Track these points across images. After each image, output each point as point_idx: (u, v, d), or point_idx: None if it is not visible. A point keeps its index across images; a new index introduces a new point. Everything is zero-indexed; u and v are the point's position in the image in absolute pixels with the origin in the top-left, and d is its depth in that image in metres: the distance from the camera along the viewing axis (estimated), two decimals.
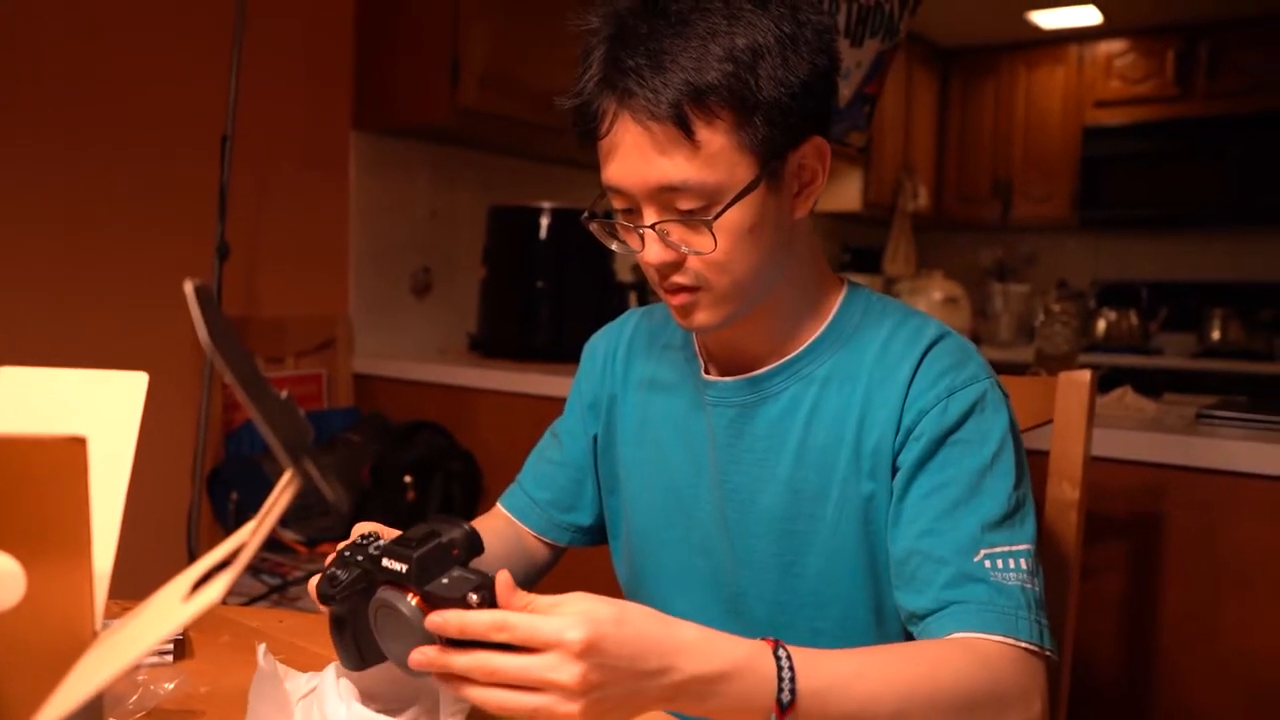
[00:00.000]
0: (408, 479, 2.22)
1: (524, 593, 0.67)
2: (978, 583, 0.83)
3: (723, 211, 0.84)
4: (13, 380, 0.58)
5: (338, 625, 0.76)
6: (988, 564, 0.83)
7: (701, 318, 0.90)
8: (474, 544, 0.72)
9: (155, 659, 0.88)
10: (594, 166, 0.90)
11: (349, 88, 2.65)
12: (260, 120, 2.39)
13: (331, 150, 2.63)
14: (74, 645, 0.48)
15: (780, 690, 0.70)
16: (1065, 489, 1.11)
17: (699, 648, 0.68)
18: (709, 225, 0.84)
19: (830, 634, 0.93)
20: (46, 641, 0.48)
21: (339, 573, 0.74)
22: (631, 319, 1.13)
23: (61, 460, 0.46)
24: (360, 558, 0.74)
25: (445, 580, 0.68)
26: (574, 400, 1.14)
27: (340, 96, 2.63)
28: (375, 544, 0.74)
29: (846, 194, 4.36)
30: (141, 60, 2.21)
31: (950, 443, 0.88)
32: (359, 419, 2.51)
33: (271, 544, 2.19)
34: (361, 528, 0.83)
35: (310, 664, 0.91)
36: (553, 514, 1.12)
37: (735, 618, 0.97)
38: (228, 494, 2.20)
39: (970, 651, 0.79)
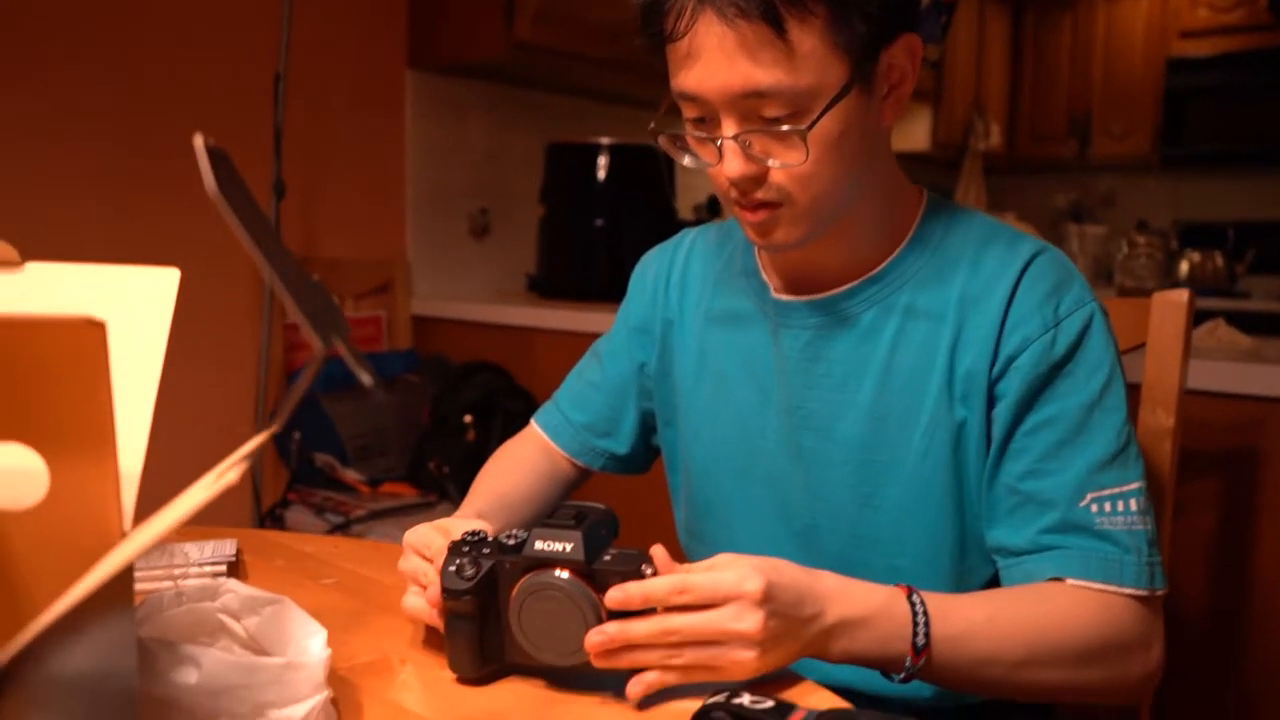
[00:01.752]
0: (467, 419, 2.21)
1: (678, 564, 0.69)
2: (1081, 531, 0.80)
3: (818, 119, 0.78)
4: (39, 275, 0.55)
5: (459, 626, 0.70)
6: (1094, 508, 0.80)
7: (781, 235, 0.85)
8: (616, 522, 0.73)
9: (206, 580, 0.87)
10: (653, 103, 0.84)
11: (403, 25, 2.61)
12: (314, 58, 2.36)
13: (387, 89, 2.60)
14: (101, 545, 0.45)
15: (915, 635, 0.73)
16: (1160, 416, 1.04)
17: (841, 594, 0.72)
18: (802, 135, 0.78)
19: (908, 571, 0.88)
20: (72, 541, 0.45)
21: (464, 564, 0.70)
22: (686, 239, 1.07)
23: (78, 345, 0.43)
24: (486, 550, 0.71)
25: (608, 558, 0.68)
26: (621, 322, 1.09)
27: (394, 34, 2.60)
28: (509, 534, 0.71)
29: (914, 133, 4.21)
30: None
31: (1058, 375, 0.83)
32: (418, 360, 2.51)
33: (334, 484, 2.20)
34: (450, 526, 0.80)
35: (364, 588, 0.90)
36: (588, 438, 1.08)
37: (807, 552, 0.92)
38: (290, 433, 2.22)
39: (1093, 601, 0.79)
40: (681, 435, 1.02)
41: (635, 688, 0.67)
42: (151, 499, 0.58)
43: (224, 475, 0.38)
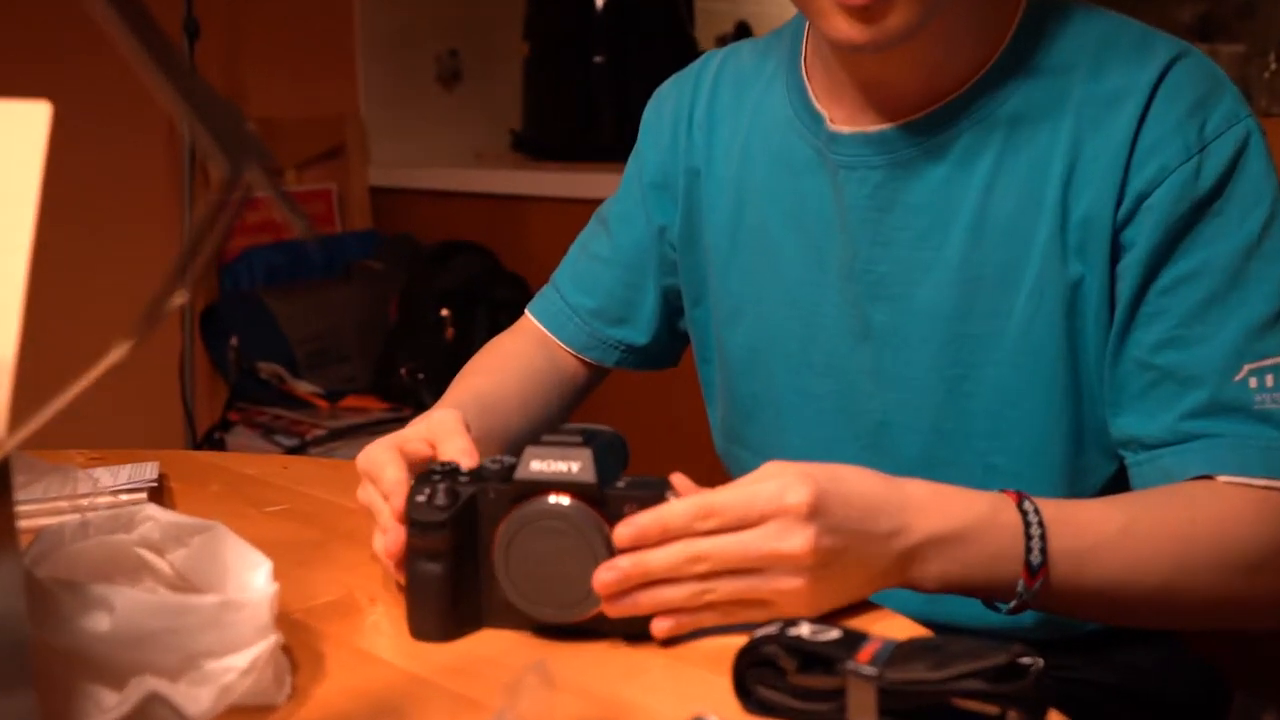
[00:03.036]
0: (444, 313, 2.21)
1: (706, 488, 0.68)
2: (1236, 413, 0.78)
3: None
4: None
5: (427, 573, 0.67)
6: (1253, 382, 0.78)
7: (897, 18, 0.78)
8: (626, 449, 0.71)
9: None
10: None
11: None
12: None
13: None
14: None
15: (1029, 551, 0.71)
16: None
17: (932, 504, 0.70)
18: None
19: (1009, 470, 0.87)
20: None
21: (436, 492, 0.67)
22: (712, 63, 1.03)
23: None
24: (464, 478, 0.68)
25: (622, 484, 0.66)
26: (631, 176, 1.06)
27: None
28: (494, 459, 0.69)
29: None
30: None
31: (1204, 214, 0.80)
32: (380, 243, 2.50)
33: (284, 399, 2.22)
34: (407, 441, 0.77)
35: (323, 515, 0.89)
36: (597, 327, 1.05)
37: (877, 455, 0.90)
38: (225, 338, 2.23)
39: (1254, 502, 0.77)
40: (715, 315, 1.01)
41: (662, 624, 0.66)
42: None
43: (107, 358, 0.35)
